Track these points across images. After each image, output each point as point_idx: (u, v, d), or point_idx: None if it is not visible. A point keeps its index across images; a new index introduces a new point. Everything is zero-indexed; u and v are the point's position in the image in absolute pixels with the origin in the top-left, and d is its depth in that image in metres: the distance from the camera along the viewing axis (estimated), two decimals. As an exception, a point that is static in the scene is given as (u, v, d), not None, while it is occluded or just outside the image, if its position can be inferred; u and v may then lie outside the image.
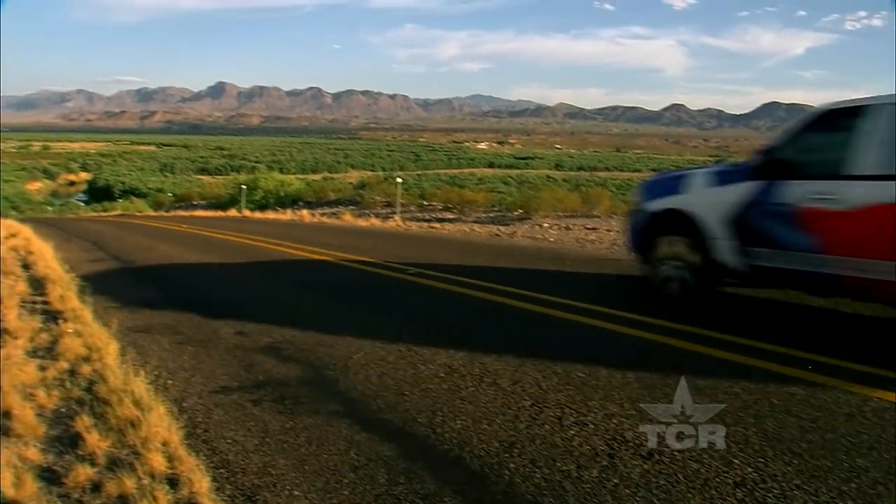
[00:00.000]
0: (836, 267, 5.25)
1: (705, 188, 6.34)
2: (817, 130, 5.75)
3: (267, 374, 4.90)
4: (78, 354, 5.10)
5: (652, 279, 6.72)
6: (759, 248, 5.77)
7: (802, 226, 5.41)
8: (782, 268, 5.63)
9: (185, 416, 4.09)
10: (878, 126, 5.05)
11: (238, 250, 12.75)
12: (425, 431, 3.88)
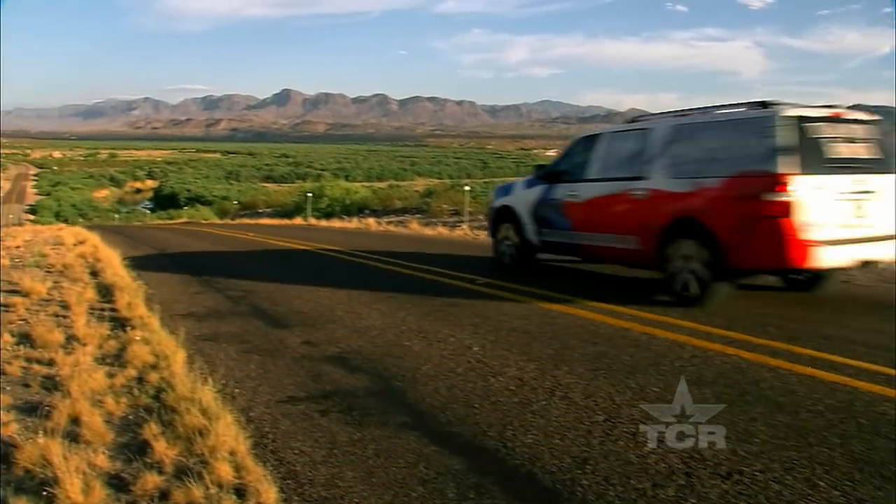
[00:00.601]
0: (582, 238, 8.42)
1: (521, 190, 9.62)
2: (571, 152, 9.05)
3: (334, 385, 4.94)
4: (146, 362, 5.23)
5: (497, 254, 10.03)
6: (545, 229, 9.03)
7: (563, 213, 8.65)
8: (557, 241, 8.87)
9: (252, 426, 4.14)
10: (599, 148, 8.36)
11: (303, 256, 13.00)
12: (496, 445, 3.84)
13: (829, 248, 6.48)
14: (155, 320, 6.49)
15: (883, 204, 6.83)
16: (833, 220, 6.54)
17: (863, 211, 6.74)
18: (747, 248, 6.64)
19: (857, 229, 6.69)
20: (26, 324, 6.54)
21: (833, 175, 6.59)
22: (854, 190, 6.71)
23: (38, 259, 11.45)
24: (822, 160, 6.56)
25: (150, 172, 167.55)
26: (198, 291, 9.08)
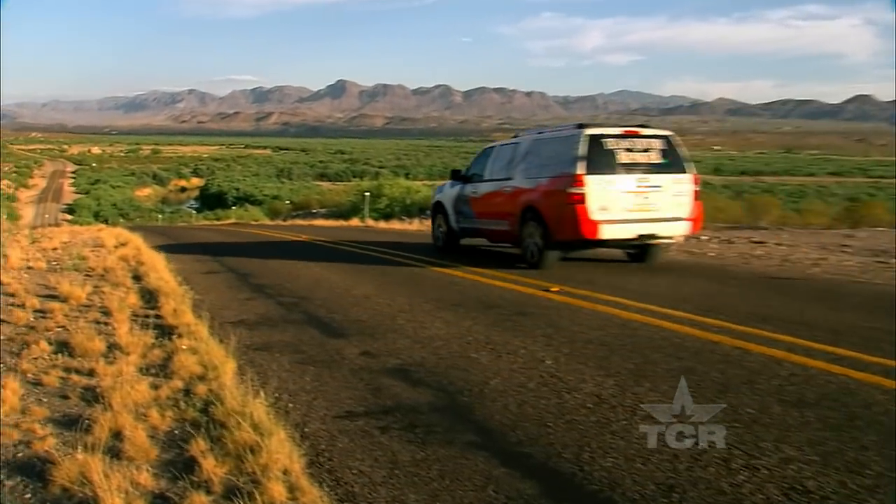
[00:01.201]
0: (480, 223, 12.22)
1: (448, 189, 13.76)
2: (476, 159, 13.18)
3: (395, 399, 4.98)
4: (193, 373, 5.34)
5: (433, 239, 14.42)
6: (461, 218, 12.95)
7: (470, 206, 12.41)
8: (468, 227, 12.74)
9: (307, 443, 4.20)
10: (491, 157, 12.24)
11: (361, 260, 13.15)
12: (571, 469, 3.81)
13: (613, 226, 10.33)
14: (203, 328, 6.65)
15: (665, 195, 10.58)
16: (618, 206, 10.31)
17: (647, 200, 10.44)
18: (560, 225, 10.49)
19: (639, 213, 10.42)
20: (65, 331, 6.76)
21: (621, 175, 10.38)
22: (639, 185, 10.46)
23: (77, 262, 11.86)
24: (613, 164, 10.37)
25: (196, 169, 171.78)
26: (248, 297, 9.28)
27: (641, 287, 9.35)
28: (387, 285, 10.02)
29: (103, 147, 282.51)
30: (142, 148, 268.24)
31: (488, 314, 7.70)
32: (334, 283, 10.31)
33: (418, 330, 7.00)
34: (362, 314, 7.89)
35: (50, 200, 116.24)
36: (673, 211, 10.75)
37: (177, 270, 10.90)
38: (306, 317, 7.90)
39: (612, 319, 7.30)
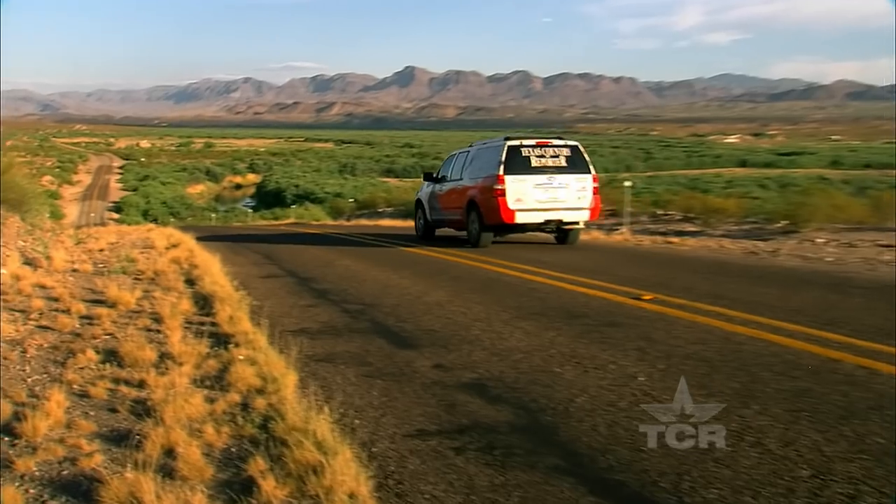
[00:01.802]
0: (444, 215, 17.73)
1: (425, 188, 18.93)
2: (444, 163, 18.85)
3: (472, 417, 4.98)
4: (251, 385, 5.43)
5: (416, 230, 19.77)
6: (433, 212, 18.21)
7: (438, 201, 17.96)
8: (438, 218, 18.14)
9: (375, 464, 4.22)
10: (452, 161, 18.08)
11: (431, 264, 13.24)
12: (669, 500, 3.76)
13: (526, 213, 14.89)
14: (261, 337, 6.76)
15: (569, 191, 15.21)
16: (530, 198, 14.87)
17: (554, 194, 15.02)
18: (489, 213, 14.89)
19: (547, 204, 15.01)
20: (113, 339, 6.96)
21: (533, 175, 14.97)
22: (548, 183, 15.13)
23: (126, 265, 12.19)
24: (527, 167, 14.89)
25: (252, 165, 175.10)
26: (310, 304, 9.44)
27: (747, 296, 9.19)
28: (460, 291, 10.08)
29: (152, 140, 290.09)
30: (193, 141, 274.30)
31: (573, 325, 7.66)
32: (404, 289, 10.42)
33: (496, 341, 7.01)
34: (434, 323, 7.94)
35: (95, 198, 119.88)
36: (575, 203, 15.75)
37: (233, 274, 11.11)
38: (373, 325, 7.99)
39: (713, 332, 7.18)
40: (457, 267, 13.01)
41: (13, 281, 9.69)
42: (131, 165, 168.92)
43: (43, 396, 5.18)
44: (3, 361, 6.21)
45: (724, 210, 21.48)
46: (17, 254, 11.84)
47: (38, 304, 8.32)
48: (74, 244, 15.80)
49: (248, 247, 19.08)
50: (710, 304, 8.44)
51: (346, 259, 14.80)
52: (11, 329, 7.23)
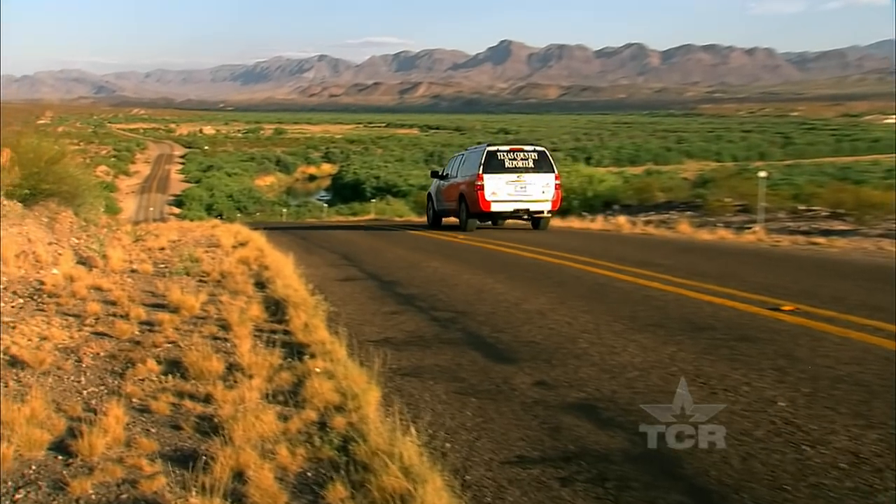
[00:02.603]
0: (445, 206, 26.24)
1: (434, 184, 28.33)
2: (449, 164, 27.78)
3: (579, 443, 4.96)
4: (329, 402, 5.50)
5: (426, 219, 30.19)
6: (439, 203, 27.31)
7: (442, 195, 26.70)
8: (442, 209, 26.86)
9: (469, 494, 4.24)
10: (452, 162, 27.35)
11: (532, 267, 13.22)
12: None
13: (500, 204, 22.66)
14: (340, 347, 6.85)
15: (535, 187, 22.68)
16: (503, 192, 22.59)
17: (523, 189, 22.65)
18: (472, 204, 22.77)
19: (517, 196, 22.65)
20: (176, 347, 7.16)
21: (506, 174, 22.72)
22: (518, 180, 22.72)
23: (189, 265, 12.52)
24: (502, 168, 22.71)
25: (327, 153, 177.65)
26: (394, 311, 9.55)
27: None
28: (565, 298, 10.04)
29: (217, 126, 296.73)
30: (263, 127, 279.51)
31: (698, 338, 7.55)
32: (500, 295, 10.43)
33: (607, 356, 6.96)
34: (536, 334, 7.93)
35: (154, 191, 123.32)
36: (540, 196, 22.77)
37: (307, 276, 11.26)
38: (466, 336, 8.03)
39: (871, 351, 6.97)
40: (560, 270, 12.95)
41: (67, 282, 10.03)
42: (194, 154, 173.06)
43: (100, 411, 5.34)
44: (56, 371, 6.43)
45: (884, 205, 20.75)
46: (71, 252, 12.25)
47: (93, 309, 8.60)
48: (132, 242, 16.27)
49: (323, 246, 19.42)
50: (867, 318, 8.18)
51: (434, 260, 14.88)
52: (65, 335, 7.48)
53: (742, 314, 8.70)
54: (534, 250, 15.84)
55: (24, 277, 10.21)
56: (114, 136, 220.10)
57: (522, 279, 12.00)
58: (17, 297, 9.20)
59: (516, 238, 19.41)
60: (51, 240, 12.65)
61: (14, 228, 11.79)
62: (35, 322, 7.89)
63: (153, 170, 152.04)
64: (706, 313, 8.84)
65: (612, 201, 33.85)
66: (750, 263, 13.83)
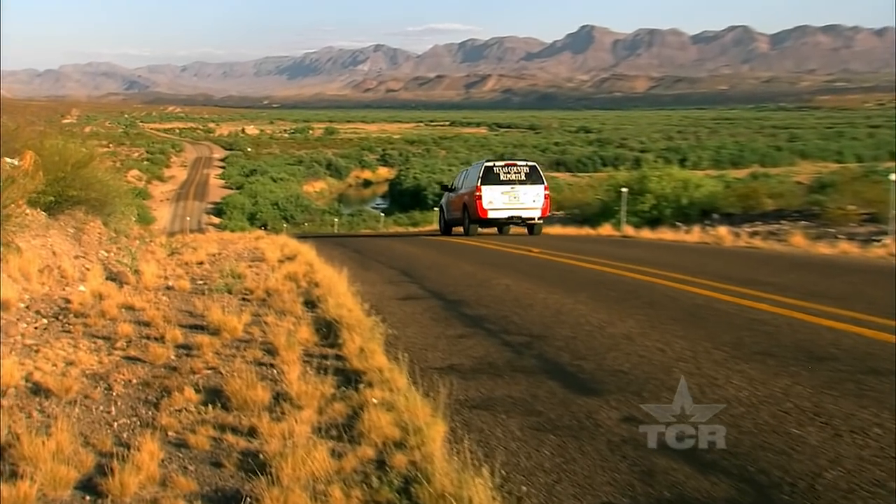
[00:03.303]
0: (453, 215, 34.19)
1: (445, 196, 37.13)
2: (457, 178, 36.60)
3: (676, 490, 4.92)
4: (388, 437, 5.53)
5: (439, 228, 38.95)
6: (448, 214, 35.65)
7: (450, 206, 34.89)
8: (451, 218, 34.87)
9: (548, 545, 4.21)
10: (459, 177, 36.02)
11: (618, 285, 13.12)
12: None
13: (496, 211, 29.89)
14: (400, 375, 6.88)
15: (526, 196, 30.01)
16: (498, 201, 29.83)
17: (516, 199, 29.96)
18: (472, 212, 30.18)
19: (510, 205, 29.96)
20: (216, 374, 7.26)
21: (502, 185, 30.07)
22: (512, 191, 30.03)
23: (231, 282, 12.65)
24: (497, 180, 30.04)
25: (384, 156, 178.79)
26: (461, 334, 9.55)
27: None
28: (657, 321, 9.96)
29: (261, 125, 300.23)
30: (312, 127, 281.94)
31: (817, 370, 7.40)
32: (581, 316, 10.37)
33: (707, 388, 6.87)
34: (623, 362, 7.87)
35: (191, 198, 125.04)
36: (531, 205, 29.23)
37: (363, 295, 11.34)
38: (543, 363, 8.00)
39: None
40: (650, 289, 12.83)
41: (95, 300, 10.20)
42: (235, 157, 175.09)
43: (132, 445, 5.40)
44: (84, 401, 6.53)
45: None
46: (100, 267, 12.46)
47: (125, 330, 8.73)
48: (167, 255, 16.50)
49: (380, 260, 19.55)
50: None
51: (506, 277, 14.85)
52: (94, 360, 7.60)
53: (870, 342, 8.50)
54: (620, 266, 15.72)
55: (48, 295, 10.40)
56: (147, 137, 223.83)
57: (607, 299, 11.92)
58: (41, 317, 9.37)
59: (599, 252, 19.28)
60: (77, 253, 12.89)
61: (37, 240, 12.03)
62: (60, 345, 8.03)
63: (190, 174, 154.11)
64: (826, 341, 8.66)
65: (711, 209, 33.54)
66: (879, 283, 13.56)
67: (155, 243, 18.51)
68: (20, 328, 8.68)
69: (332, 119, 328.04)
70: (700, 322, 9.92)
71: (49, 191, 13.83)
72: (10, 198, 11.24)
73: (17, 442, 5.31)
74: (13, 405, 6.31)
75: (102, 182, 16.39)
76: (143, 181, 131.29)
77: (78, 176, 14.97)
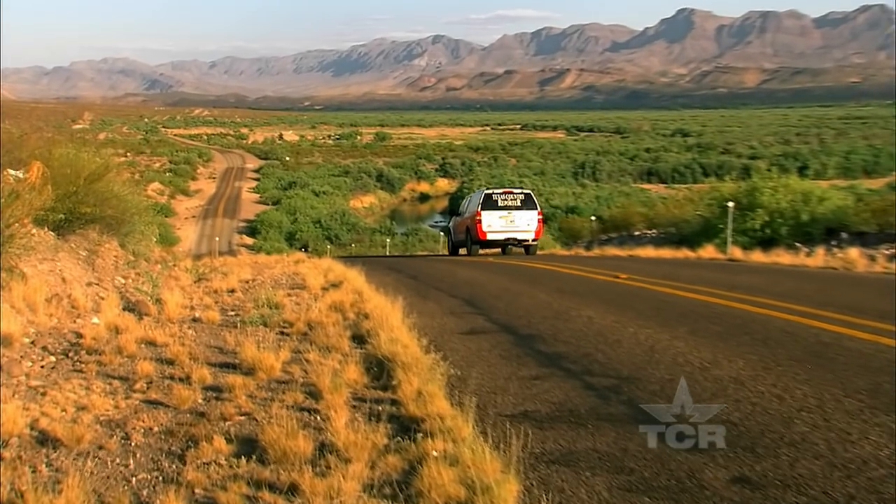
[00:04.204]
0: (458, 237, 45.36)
1: (452, 220, 49.53)
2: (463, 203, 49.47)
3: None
4: (451, 496, 5.54)
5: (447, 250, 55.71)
6: (455, 236, 47.12)
7: (456, 228, 46.50)
8: (457, 240, 46.44)
9: None
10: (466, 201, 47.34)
11: (725, 318, 13.01)
12: None
13: (494, 234, 39.55)
14: (465, 423, 6.88)
15: (521, 221, 39.51)
16: (496, 225, 39.49)
17: (512, 223, 39.57)
18: (474, 234, 39.90)
19: (507, 228, 39.55)
20: (250, 421, 7.32)
21: (499, 210, 39.68)
22: (508, 216, 39.56)
23: (267, 312, 12.76)
24: (495, 206, 39.61)
25: (444, 166, 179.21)
26: (536, 375, 9.52)
27: None
28: (774, 361, 9.87)
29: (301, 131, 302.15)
30: (360, 132, 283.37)
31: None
32: (680, 355, 10.30)
33: (837, 444, 6.79)
34: (732, 411, 7.79)
35: (221, 215, 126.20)
36: (525, 228, 38.55)
37: (421, 328, 11.39)
38: (635, 411, 7.92)
39: None
40: (764, 323, 12.65)
41: (110, 334, 10.31)
42: (271, 167, 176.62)
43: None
44: (98, 452, 6.59)
45: None
46: (116, 295, 12.60)
47: (145, 369, 8.82)
48: (193, 282, 16.67)
49: (440, 287, 19.62)
50: None
51: (588, 307, 14.80)
52: (109, 405, 7.68)
53: None
54: (726, 295, 15.61)
55: (56, 328, 10.52)
56: (170, 145, 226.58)
57: (710, 334, 11.80)
58: (48, 355, 9.49)
59: (700, 278, 19.16)
60: (90, 279, 13.04)
61: (45, 265, 12.18)
62: (71, 387, 8.12)
63: (220, 188, 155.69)
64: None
65: (839, 227, 33.07)
66: None
67: (179, 268, 18.68)
68: (24, 367, 8.79)
69: (384, 123, 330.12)
70: (827, 364, 9.76)
71: (59, 207, 13.96)
72: (13, 216, 11.33)
73: (22, 501, 5.37)
74: (17, 457, 6.37)
75: (119, 197, 16.55)
76: (166, 196, 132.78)
77: (91, 190, 15.11)
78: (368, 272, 18.97)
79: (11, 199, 11.63)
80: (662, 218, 49.36)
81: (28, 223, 12.40)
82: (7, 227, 11.05)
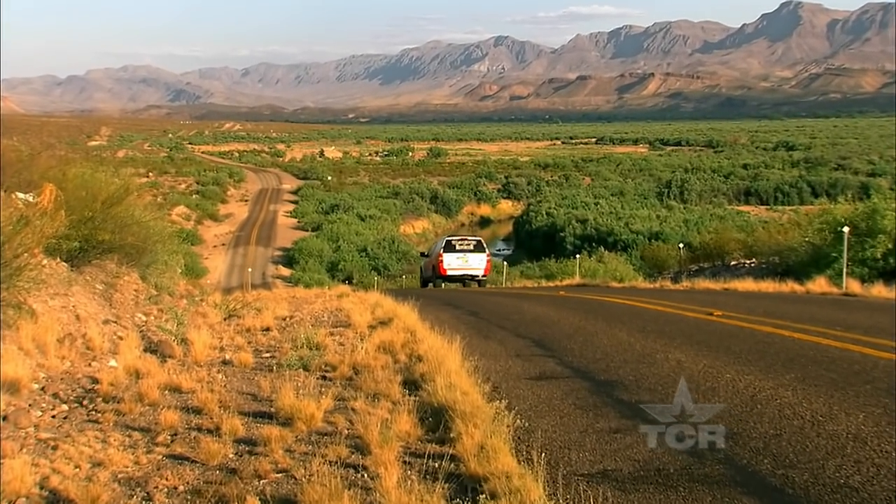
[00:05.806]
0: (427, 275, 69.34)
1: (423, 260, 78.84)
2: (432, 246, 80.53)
3: None
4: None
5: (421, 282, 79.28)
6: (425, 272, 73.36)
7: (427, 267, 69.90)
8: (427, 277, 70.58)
9: None
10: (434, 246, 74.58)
11: (850, 366, 12.84)
12: None
13: (453, 271, 60.32)
14: (535, 483, 6.84)
15: (473, 261, 60.25)
16: (454, 264, 60.18)
17: (466, 262, 60.46)
18: (437, 271, 60.82)
19: (462, 266, 60.43)
20: (289, 479, 7.38)
21: (457, 253, 61.05)
22: (464, 257, 60.58)
23: (307, 354, 12.80)
24: (454, 249, 60.70)
25: (508, 185, 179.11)
26: (617, 428, 9.51)
27: None
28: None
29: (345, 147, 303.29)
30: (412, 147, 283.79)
31: None
32: (787, 406, 10.27)
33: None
34: (852, 473, 7.80)
35: (254, 242, 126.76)
36: (477, 266, 57.59)
37: (483, 372, 11.42)
38: (734, 471, 7.94)
39: None
40: (888, 370, 12.39)
41: (130, 380, 10.39)
42: (311, 188, 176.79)
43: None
44: (117, 514, 6.61)
45: None
46: (136, 334, 12.69)
47: (169, 419, 8.88)
48: (223, 319, 16.74)
49: (504, 325, 19.57)
50: None
51: (677, 350, 14.71)
52: (128, 460, 7.73)
53: None
54: (841, 336, 15.42)
55: (69, 372, 10.61)
56: (197, 163, 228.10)
57: (823, 382, 11.67)
58: (60, 403, 9.57)
59: (810, 316, 18.96)
60: (107, 316, 13.14)
61: (56, 300, 12.27)
62: (85, 439, 8.18)
63: (252, 212, 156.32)
64: None
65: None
66: None
67: (207, 303, 18.81)
68: (33, 417, 8.86)
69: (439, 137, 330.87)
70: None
71: (73, 235, 14.04)
72: (22, 245, 11.29)
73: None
74: (24, 521, 6.41)
75: (140, 223, 16.65)
76: (192, 221, 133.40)
77: (109, 215, 15.19)
78: (422, 308, 19.01)
79: (20, 226, 11.60)
80: (763, 245, 48.98)
81: (38, 253, 12.44)
82: (15, 258, 11.02)
